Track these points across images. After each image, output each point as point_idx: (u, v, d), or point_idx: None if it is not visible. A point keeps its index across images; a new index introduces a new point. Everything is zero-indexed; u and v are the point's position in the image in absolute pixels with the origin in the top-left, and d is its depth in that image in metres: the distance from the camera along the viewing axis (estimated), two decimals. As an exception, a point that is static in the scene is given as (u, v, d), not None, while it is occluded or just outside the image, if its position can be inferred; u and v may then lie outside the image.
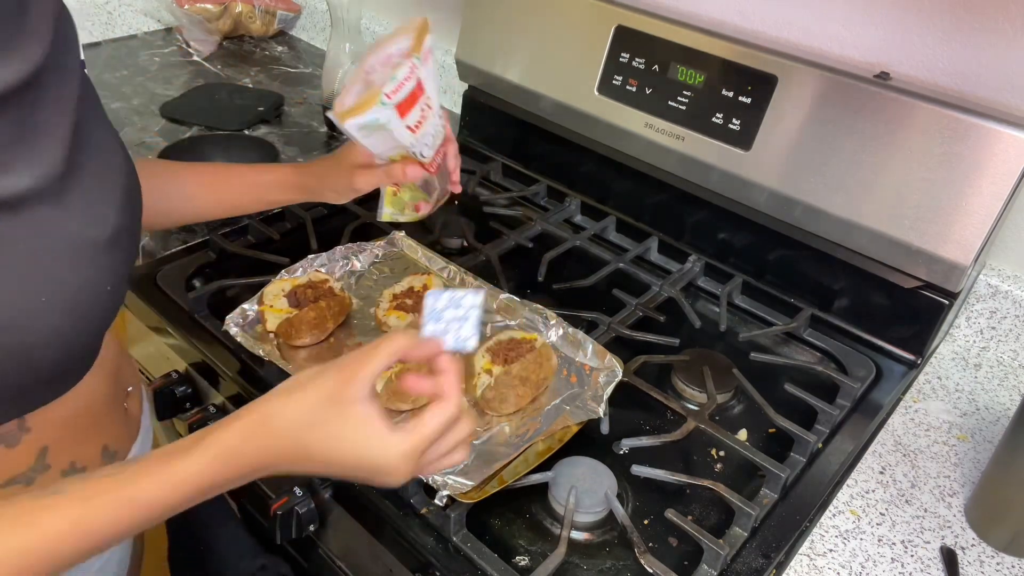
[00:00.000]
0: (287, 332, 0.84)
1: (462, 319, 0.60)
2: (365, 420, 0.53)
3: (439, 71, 1.36)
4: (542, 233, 1.14)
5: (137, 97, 1.42)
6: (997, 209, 0.83)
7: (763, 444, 0.83)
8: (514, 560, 0.69)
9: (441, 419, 0.55)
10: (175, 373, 0.94)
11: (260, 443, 0.53)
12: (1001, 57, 0.89)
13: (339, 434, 0.53)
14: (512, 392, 0.78)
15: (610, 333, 0.93)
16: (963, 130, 0.83)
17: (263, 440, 0.53)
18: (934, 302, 0.92)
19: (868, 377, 0.92)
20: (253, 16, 1.70)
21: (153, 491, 0.51)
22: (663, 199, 1.12)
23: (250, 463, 0.53)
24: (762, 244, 1.04)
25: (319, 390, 0.54)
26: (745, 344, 0.96)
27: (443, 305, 0.61)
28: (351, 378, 0.53)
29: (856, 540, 0.74)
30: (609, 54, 1.07)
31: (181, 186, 0.84)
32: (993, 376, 0.97)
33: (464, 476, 0.70)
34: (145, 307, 0.93)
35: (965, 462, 0.84)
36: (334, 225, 1.08)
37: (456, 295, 0.61)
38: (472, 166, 1.29)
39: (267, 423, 0.53)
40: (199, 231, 1.07)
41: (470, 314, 0.60)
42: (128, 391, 0.77)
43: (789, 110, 0.94)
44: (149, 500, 0.51)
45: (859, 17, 0.97)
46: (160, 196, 0.80)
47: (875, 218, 0.90)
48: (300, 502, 0.77)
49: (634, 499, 0.76)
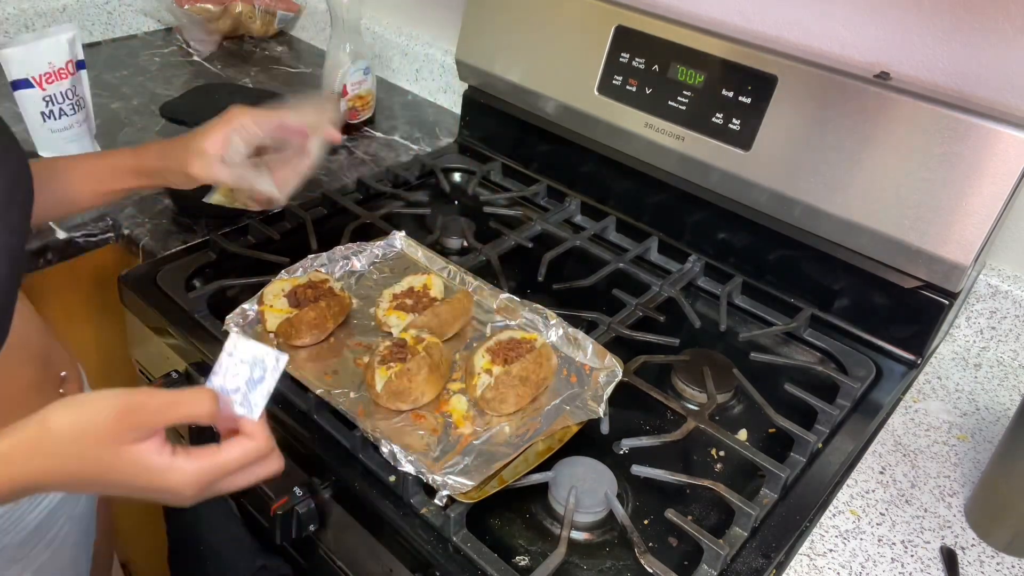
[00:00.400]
0: (287, 332, 0.84)
1: (258, 380, 0.56)
2: (138, 459, 0.52)
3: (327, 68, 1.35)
4: (542, 233, 1.14)
5: (137, 97, 1.42)
6: (997, 209, 0.83)
7: (763, 444, 0.83)
8: (514, 560, 0.69)
9: (238, 453, 0.55)
10: (175, 373, 0.94)
11: (26, 467, 0.52)
12: (1001, 57, 0.89)
13: (112, 468, 0.52)
14: (512, 392, 0.78)
15: (610, 333, 0.93)
16: (963, 130, 0.83)
17: (31, 463, 0.52)
18: (934, 302, 0.92)
19: (868, 377, 0.92)
20: (253, 16, 1.70)
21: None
22: (663, 199, 1.12)
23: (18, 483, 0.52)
24: (762, 244, 1.03)
25: (96, 428, 0.52)
26: (745, 344, 0.96)
27: (241, 357, 0.56)
28: (130, 424, 0.52)
29: (856, 540, 0.74)
30: (609, 54, 1.07)
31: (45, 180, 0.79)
32: (993, 376, 0.97)
33: (464, 476, 0.70)
34: (145, 307, 0.93)
35: (965, 462, 0.84)
36: (334, 225, 1.08)
37: (259, 351, 0.56)
38: (472, 166, 1.29)
39: (40, 447, 0.52)
40: (199, 231, 1.08)
41: (268, 377, 0.56)
42: (62, 376, 0.76)
43: (789, 110, 0.94)
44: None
45: (859, 17, 0.97)
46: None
47: (875, 218, 0.90)
48: (300, 502, 0.77)
49: (634, 499, 0.76)
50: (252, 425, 0.57)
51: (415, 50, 1.52)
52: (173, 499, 0.55)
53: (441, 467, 0.72)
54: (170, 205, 1.12)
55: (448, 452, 0.74)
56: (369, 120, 1.42)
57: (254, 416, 0.57)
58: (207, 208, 0.90)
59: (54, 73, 1.09)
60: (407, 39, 1.54)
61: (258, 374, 0.56)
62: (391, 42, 1.56)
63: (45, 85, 1.08)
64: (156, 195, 1.14)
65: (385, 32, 1.57)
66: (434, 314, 0.87)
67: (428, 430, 0.77)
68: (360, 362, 0.85)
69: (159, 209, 1.12)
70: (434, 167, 1.25)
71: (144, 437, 0.53)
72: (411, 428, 0.77)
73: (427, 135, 1.41)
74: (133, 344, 1.06)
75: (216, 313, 0.90)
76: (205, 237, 1.04)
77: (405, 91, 1.58)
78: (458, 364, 0.85)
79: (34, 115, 1.10)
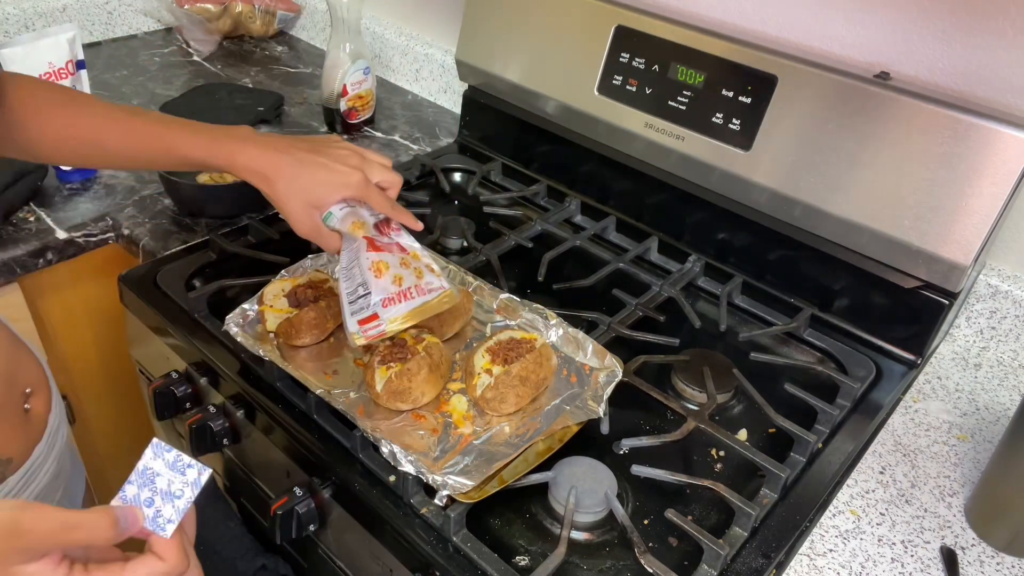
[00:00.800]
0: (287, 332, 0.84)
1: (175, 495, 0.52)
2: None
3: (327, 68, 1.35)
4: (542, 233, 1.14)
5: (137, 97, 1.42)
6: (997, 209, 0.83)
7: (763, 444, 0.83)
8: (514, 560, 0.69)
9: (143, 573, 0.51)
10: (175, 373, 0.94)
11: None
12: (1001, 57, 0.89)
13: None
14: (512, 392, 0.78)
15: (610, 333, 0.93)
16: (963, 130, 0.83)
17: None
18: (934, 302, 0.92)
19: (868, 377, 0.92)
20: (253, 16, 1.70)
21: None
22: (663, 199, 1.12)
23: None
24: (762, 244, 1.04)
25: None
26: (745, 344, 0.97)
27: (159, 468, 0.52)
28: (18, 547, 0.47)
29: (856, 540, 0.74)
30: (609, 54, 1.07)
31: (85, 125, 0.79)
32: (993, 376, 0.97)
33: (464, 476, 0.70)
34: (145, 307, 0.93)
35: (965, 462, 0.84)
36: (334, 225, 1.08)
37: (181, 462, 0.53)
38: (472, 166, 1.29)
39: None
40: (199, 231, 1.08)
41: (186, 492, 0.52)
42: (27, 392, 0.73)
43: (789, 110, 0.94)
44: None
45: (859, 17, 0.97)
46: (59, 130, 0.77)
47: (875, 218, 0.90)
48: (300, 502, 0.77)
49: (634, 499, 0.76)
50: (161, 544, 0.52)
51: (415, 50, 1.52)
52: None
53: (441, 467, 0.72)
54: (170, 205, 1.13)
55: (448, 452, 0.74)
56: (369, 120, 1.42)
57: (165, 534, 0.52)
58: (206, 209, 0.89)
59: (54, 73, 1.09)
60: (407, 39, 1.54)
61: (177, 488, 0.53)
62: (391, 42, 1.56)
63: (45, 85, 1.08)
64: (156, 195, 1.14)
65: (385, 32, 1.57)
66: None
67: (428, 430, 0.77)
68: (360, 362, 0.85)
69: (159, 209, 1.12)
70: (434, 167, 1.25)
71: (35, 558, 0.48)
72: (411, 428, 0.77)
73: (427, 135, 1.41)
74: (133, 344, 1.06)
75: (216, 313, 0.90)
76: (205, 237, 1.05)
77: (405, 91, 1.58)
78: (458, 364, 0.85)
79: (34, 115, 1.10)
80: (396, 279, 0.77)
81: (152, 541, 0.52)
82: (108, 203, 1.12)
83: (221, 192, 1.11)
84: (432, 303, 0.79)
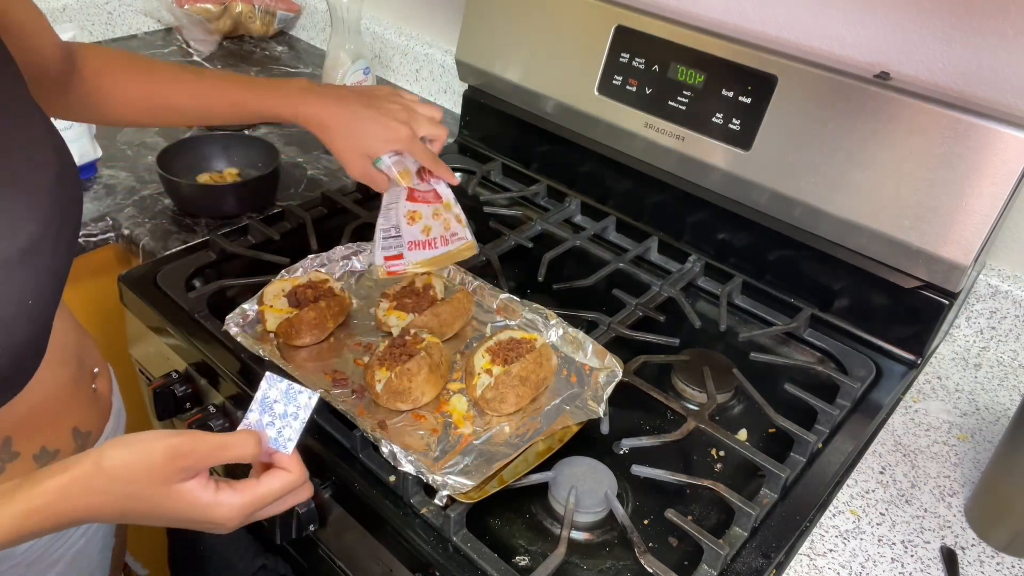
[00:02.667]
0: (287, 332, 0.84)
1: (292, 416, 0.60)
2: (186, 496, 0.56)
3: (327, 68, 1.38)
4: (542, 233, 1.14)
5: (137, 97, 1.42)
6: (997, 209, 0.83)
7: (763, 444, 0.83)
8: (514, 560, 0.69)
9: (277, 485, 0.59)
10: (175, 373, 0.94)
11: (80, 502, 0.54)
12: (1001, 57, 0.89)
13: (161, 505, 0.56)
14: (512, 392, 0.78)
15: (610, 333, 0.93)
16: (963, 130, 0.83)
17: (85, 499, 0.54)
18: (934, 302, 0.92)
19: (868, 377, 0.92)
20: (253, 16, 1.70)
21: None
22: (663, 199, 1.12)
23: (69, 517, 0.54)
24: (762, 244, 1.03)
25: (148, 469, 0.54)
26: (745, 344, 0.96)
27: (275, 396, 0.61)
28: (180, 467, 0.55)
29: (856, 540, 0.74)
30: (609, 54, 1.07)
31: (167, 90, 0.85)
32: (993, 376, 0.97)
33: (464, 476, 0.70)
34: (145, 307, 0.93)
35: (965, 462, 0.84)
36: (334, 225, 1.08)
37: (293, 390, 0.61)
38: (472, 166, 1.29)
39: (94, 485, 0.54)
40: (199, 231, 1.08)
41: (300, 414, 0.61)
42: (95, 372, 0.78)
43: (789, 110, 0.94)
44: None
45: (859, 17, 0.97)
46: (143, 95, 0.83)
47: (875, 218, 0.90)
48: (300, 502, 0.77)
49: (634, 499, 0.76)
50: (287, 459, 0.60)
51: (415, 50, 1.52)
52: (216, 529, 0.58)
53: (441, 467, 0.72)
54: (170, 205, 1.13)
55: (448, 452, 0.74)
56: (369, 120, 1.41)
57: (287, 451, 0.60)
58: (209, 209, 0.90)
59: (54, 73, 1.08)
60: (407, 39, 1.54)
61: (292, 410, 0.61)
62: (391, 42, 1.56)
63: (45, 85, 1.08)
64: (156, 195, 1.14)
65: (385, 32, 1.57)
66: (434, 314, 0.87)
67: (428, 430, 0.77)
68: (360, 362, 0.85)
69: (159, 209, 1.12)
70: (434, 167, 1.25)
71: (191, 476, 0.56)
72: (411, 428, 0.77)
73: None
74: (133, 344, 1.06)
75: (216, 313, 0.90)
76: (205, 237, 1.04)
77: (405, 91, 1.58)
78: (458, 364, 0.85)
79: (34, 115, 1.10)
80: (425, 229, 0.88)
81: (276, 458, 0.60)
82: (108, 203, 1.12)
83: (221, 192, 1.11)
84: (453, 252, 0.89)
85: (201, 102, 0.85)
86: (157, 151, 1.17)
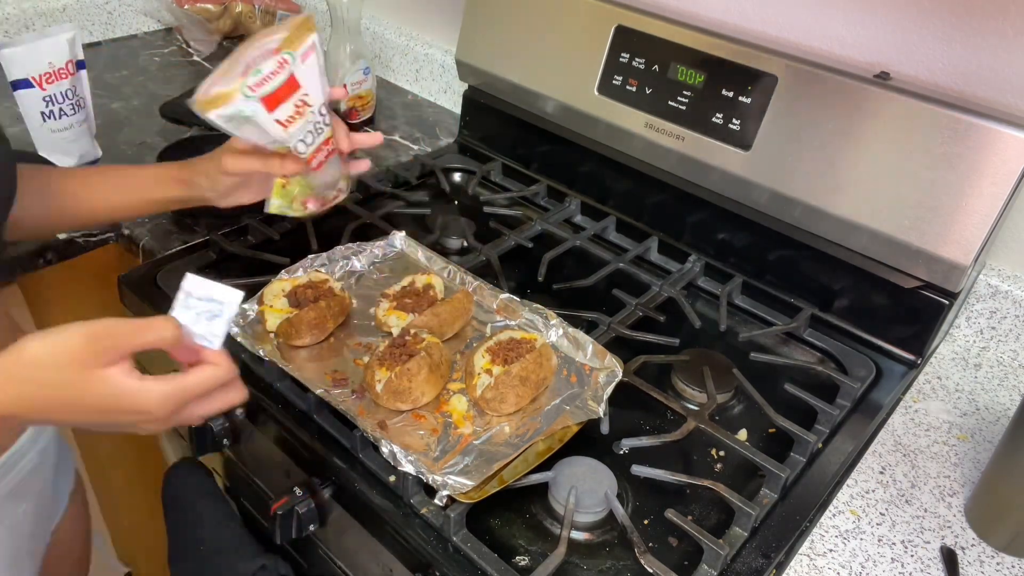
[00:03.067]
0: (287, 332, 0.84)
1: (214, 314, 0.60)
2: (109, 380, 0.56)
3: (327, 68, 1.34)
4: (542, 233, 1.14)
5: (137, 97, 1.42)
6: (997, 209, 0.83)
7: (763, 444, 0.83)
8: (514, 560, 0.69)
9: (204, 376, 0.59)
10: (175, 372, 0.94)
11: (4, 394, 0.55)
12: (1001, 57, 0.89)
13: (87, 392, 0.56)
14: (512, 392, 0.78)
15: (610, 333, 0.93)
16: (963, 130, 0.83)
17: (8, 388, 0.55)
18: (934, 302, 0.92)
19: (868, 377, 0.92)
20: (253, 16, 1.70)
21: None
22: (663, 199, 1.12)
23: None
24: (762, 244, 1.04)
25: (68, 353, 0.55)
26: (745, 344, 0.97)
27: (200, 293, 0.60)
28: (100, 348, 0.55)
29: (856, 540, 0.74)
30: (609, 54, 1.07)
31: (61, 190, 0.84)
32: (993, 376, 0.97)
33: (464, 476, 0.70)
34: (145, 307, 0.93)
35: (965, 462, 0.84)
36: (334, 225, 1.08)
37: (215, 288, 0.60)
38: (472, 166, 1.29)
39: (15, 374, 0.55)
40: (199, 231, 1.08)
41: (224, 311, 0.60)
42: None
43: (789, 110, 0.94)
44: None
45: (859, 17, 0.97)
46: (37, 201, 0.81)
47: (875, 218, 0.90)
48: (300, 502, 0.77)
49: (634, 499, 0.76)
50: (214, 354, 0.61)
51: (415, 50, 1.52)
52: (144, 422, 0.58)
53: (441, 467, 0.72)
54: (170, 205, 1.12)
55: (448, 452, 0.74)
56: (369, 120, 1.42)
57: (215, 346, 0.60)
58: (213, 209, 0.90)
59: (54, 73, 1.09)
60: (407, 39, 1.54)
61: (216, 309, 0.60)
62: (391, 42, 1.56)
63: (45, 85, 1.08)
64: (156, 195, 1.14)
65: (385, 32, 1.57)
66: (434, 314, 0.87)
67: (428, 430, 0.77)
68: (360, 362, 0.85)
69: (159, 209, 1.12)
70: (434, 167, 1.25)
71: (113, 361, 0.56)
72: (411, 428, 0.77)
73: (427, 135, 1.41)
74: (133, 344, 1.06)
75: (216, 313, 0.90)
76: (205, 237, 1.04)
77: (405, 91, 1.58)
78: (458, 364, 0.85)
79: (34, 115, 1.10)
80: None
81: (205, 354, 0.61)
82: (108, 203, 1.12)
83: (221, 192, 1.11)
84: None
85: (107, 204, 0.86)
86: (157, 151, 1.17)
